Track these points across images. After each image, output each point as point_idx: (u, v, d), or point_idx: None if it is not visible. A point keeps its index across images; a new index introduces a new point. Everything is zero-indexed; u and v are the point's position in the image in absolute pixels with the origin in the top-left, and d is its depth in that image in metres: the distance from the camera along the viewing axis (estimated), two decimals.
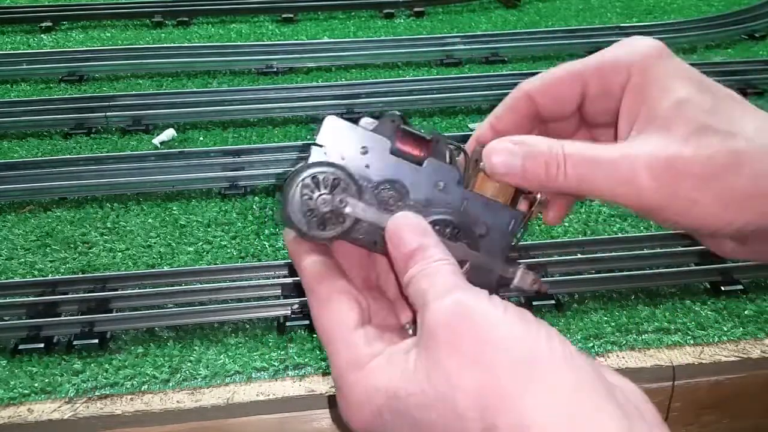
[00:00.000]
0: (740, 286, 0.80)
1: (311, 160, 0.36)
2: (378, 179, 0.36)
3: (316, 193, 0.36)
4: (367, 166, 0.36)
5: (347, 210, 0.36)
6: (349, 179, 0.36)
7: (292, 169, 0.36)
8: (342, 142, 0.36)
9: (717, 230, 0.35)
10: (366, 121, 0.37)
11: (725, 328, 0.75)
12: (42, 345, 0.73)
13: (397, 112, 0.37)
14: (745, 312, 0.77)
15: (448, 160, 0.38)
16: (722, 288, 0.80)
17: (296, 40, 1.47)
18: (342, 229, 0.36)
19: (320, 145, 0.36)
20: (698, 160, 0.34)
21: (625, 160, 0.34)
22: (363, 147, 0.36)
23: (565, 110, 0.41)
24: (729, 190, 0.34)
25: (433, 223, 0.36)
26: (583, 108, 0.40)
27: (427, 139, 0.37)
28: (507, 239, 0.38)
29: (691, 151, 0.34)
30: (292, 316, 0.76)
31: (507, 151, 0.36)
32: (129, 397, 0.68)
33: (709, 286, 0.81)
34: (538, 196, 0.38)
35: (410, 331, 0.37)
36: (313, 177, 0.36)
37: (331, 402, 0.68)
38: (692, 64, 0.40)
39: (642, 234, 0.88)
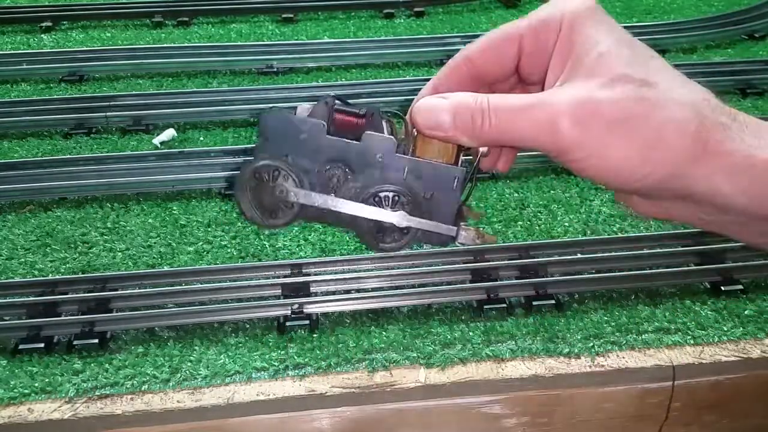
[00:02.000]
0: (740, 286, 0.80)
1: (252, 157, 0.38)
2: (321, 161, 0.38)
3: (261, 187, 0.38)
4: (309, 151, 0.38)
5: (291, 198, 0.38)
6: (287, 168, 0.38)
7: (238, 170, 0.38)
8: (281, 134, 0.38)
9: (626, 182, 0.36)
10: (302, 108, 0.39)
11: (725, 328, 0.75)
12: (42, 345, 0.73)
13: (331, 94, 0.40)
14: (745, 312, 0.77)
15: (388, 131, 0.39)
16: (722, 288, 0.80)
17: (296, 40, 1.47)
18: (293, 214, 0.39)
19: (263, 141, 0.38)
20: (610, 103, 0.35)
21: (545, 106, 0.36)
22: (301, 134, 0.38)
23: (504, 70, 0.42)
24: (637, 136, 0.35)
25: (376, 197, 0.38)
26: (520, 66, 0.41)
27: (362, 114, 0.39)
28: (454, 197, 0.39)
29: (605, 95, 0.35)
30: (292, 316, 0.76)
31: (434, 107, 0.38)
32: (129, 396, 0.68)
33: (709, 286, 0.81)
34: (481, 149, 0.39)
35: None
36: (255, 172, 0.38)
37: (332, 400, 0.68)
38: (692, 64, 0.41)
39: (642, 234, 0.88)
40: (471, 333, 0.74)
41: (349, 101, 0.40)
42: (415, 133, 0.39)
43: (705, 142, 0.35)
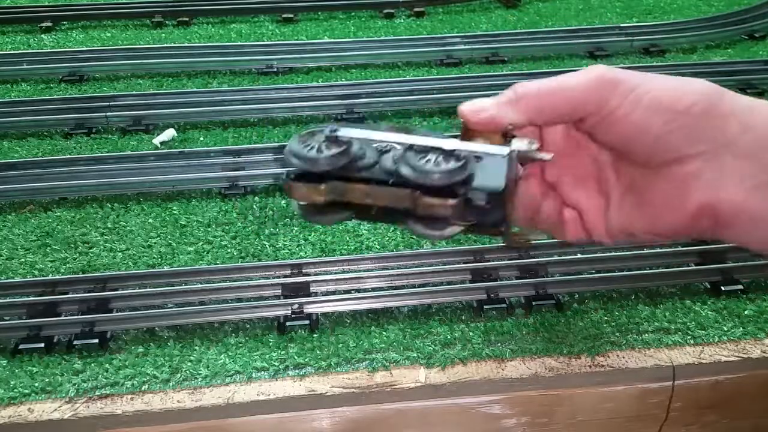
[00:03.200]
0: (740, 286, 0.80)
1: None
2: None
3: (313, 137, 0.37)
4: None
5: (340, 133, 0.37)
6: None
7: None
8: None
9: (639, 139, 0.39)
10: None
11: (725, 328, 0.75)
12: (42, 345, 0.73)
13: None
14: (745, 312, 0.77)
15: None
16: (722, 288, 0.80)
17: (296, 40, 1.47)
18: (338, 149, 0.36)
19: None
20: (627, 72, 0.40)
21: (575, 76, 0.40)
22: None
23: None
24: (645, 96, 0.39)
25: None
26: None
27: None
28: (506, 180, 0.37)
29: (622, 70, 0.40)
30: (292, 316, 0.76)
31: (477, 101, 0.42)
32: (129, 396, 0.68)
33: (709, 286, 0.81)
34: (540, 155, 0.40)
35: None
36: (309, 131, 0.37)
37: (334, 400, 0.68)
38: (692, 64, 0.45)
39: None
40: (471, 333, 0.74)
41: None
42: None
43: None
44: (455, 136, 0.40)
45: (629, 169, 0.42)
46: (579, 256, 0.84)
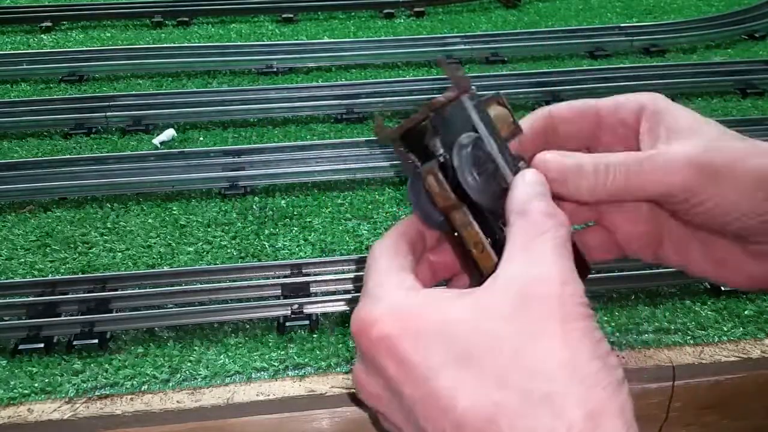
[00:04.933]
0: None
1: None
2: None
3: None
4: None
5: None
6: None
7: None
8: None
9: (730, 221, 0.36)
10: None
11: (725, 328, 0.75)
12: (42, 345, 0.73)
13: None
14: (745, 312, 0.77)
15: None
16: (722, 288, 0.79)
17: (296, 40, 1.47)
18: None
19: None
20: (733, 148, 0.36)
21: (668, 155, 0.36)
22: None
23: (581, 134, 0.41)
24: (745, 177, 0.35)
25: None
26: (599, 136, 0.41)
27: None
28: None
29: (725, 142, 0.36)
30: (292, 316, 0.76)
31: (558, 162, 0.37)
32: (129, 397, 0.68)
33: (709, 286, 0.81)
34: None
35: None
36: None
37: (334, 401, 0.68)
38: (692, 64, 0.43)
39: None
40: None
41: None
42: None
43: None
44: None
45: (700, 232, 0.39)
46: None
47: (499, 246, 0.34)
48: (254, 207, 0.96)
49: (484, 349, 0.29)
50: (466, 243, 0.35)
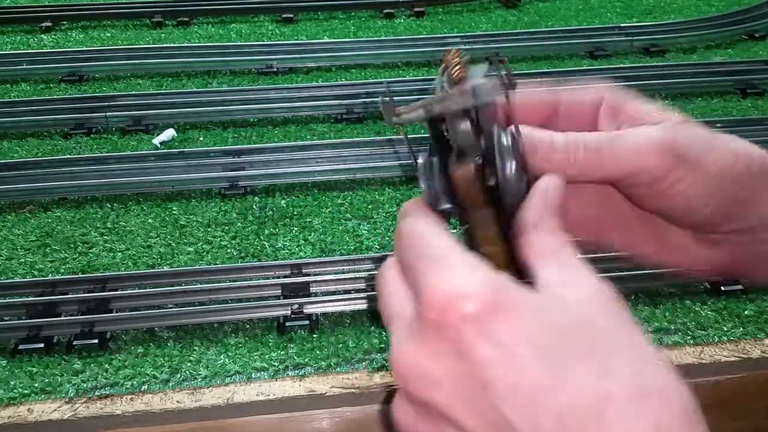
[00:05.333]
0: (740, 286, 0.80)
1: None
2: None
3: None
4: None
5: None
6: None
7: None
8: None
9: (691, 208, 0.36)
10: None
11: (725, 328, 0.75)
12: (42, 345, 0.73)
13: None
14: (745, 312, 0.77)
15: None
16: (722, 288, 0.79)
17: (296, 40, 1.47)
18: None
19: None
20: (698, 135, 0.35)
21: (635, 137, 0.35)
22: None
23: (533, 121, 0.40)
24: (712, 165, 0.35)
25: None
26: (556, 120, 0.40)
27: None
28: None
29: (684, 131, 0.35)
30: (292, 316, 0.76)
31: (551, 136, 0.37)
32: (129, 397, 0.68)
33: (709, 286, 0.81)
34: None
35: None
36: None
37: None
38: (692, 64, 0.42)
39: None
40: None
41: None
42: None
43: None
44: None
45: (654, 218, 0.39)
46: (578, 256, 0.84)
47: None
48: (254, 207, 0.96)
49: (589, 340, 0.28)
50: (478, 241, 0.34)
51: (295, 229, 0.91)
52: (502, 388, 0.27)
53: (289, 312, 0.76)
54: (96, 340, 0.74)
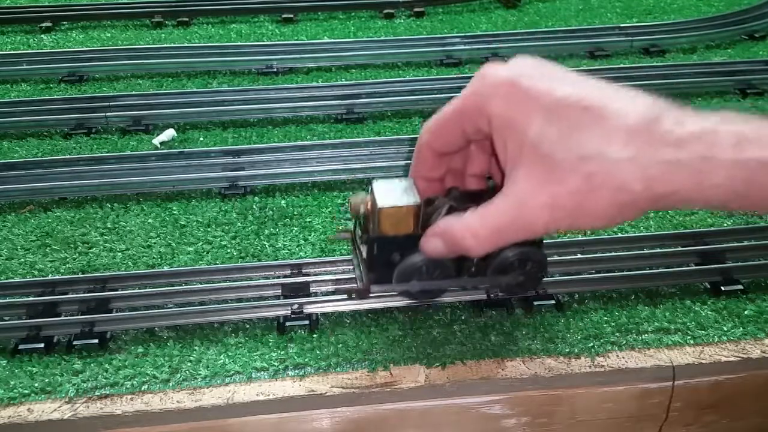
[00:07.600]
0: (740, 286, 0.80)
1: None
2: None
3: None
4: None
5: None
6: None
7: None
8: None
9: (605, 227, 0.58)
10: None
11: (725, 328, 0.75)
12: (42, 345, 0.73)
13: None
14: (745, 312, 0.77)
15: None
16: (722, 288, 0.80)
17: (296, 40, 1.47)
18: None
19: None
20: (569, 197, 0.46)
21: (520, 219, 0.50)
22: None
23: (459, 146, 0.57)
24: (600, 210, 0.46)
25: None
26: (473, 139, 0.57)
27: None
28: None
29: (561, 191, 0.46)
30: (292, 316, 0.76)
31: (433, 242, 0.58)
32: (129, 397, 0.68)
33: (709, 286, 0.81)
34: None
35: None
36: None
37: (335, 400, 0.68)
38: (692, 64, 0.45)
39: (642, 234, 0.88)
40: (471, 333, 0.74)
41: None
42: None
43: (652, 180, 0.44)
44: None
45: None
46: (579, 256, 0.84)
47: None
48: (254, 207, 0.96)
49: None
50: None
51: (295, 229, 0.91)
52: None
53: (289, 312, 0.76)
54: (96, 340, 0.74)
